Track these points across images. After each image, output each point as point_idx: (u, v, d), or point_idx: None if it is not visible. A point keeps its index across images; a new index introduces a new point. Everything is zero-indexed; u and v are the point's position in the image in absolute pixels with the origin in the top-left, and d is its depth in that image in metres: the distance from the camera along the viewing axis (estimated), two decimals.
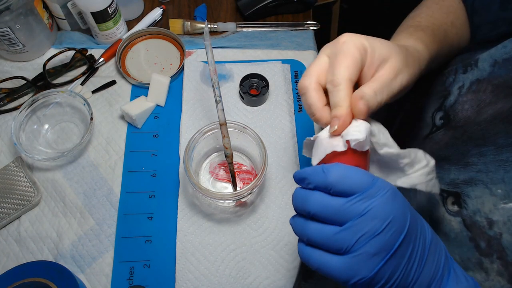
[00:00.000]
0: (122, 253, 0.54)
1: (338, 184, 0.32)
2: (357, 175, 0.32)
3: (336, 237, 0.31)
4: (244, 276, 0.53)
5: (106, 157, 0.61)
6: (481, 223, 0.38)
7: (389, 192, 0.31)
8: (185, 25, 0.73)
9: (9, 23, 0.61)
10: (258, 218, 0.56)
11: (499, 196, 0.38)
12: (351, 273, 0.31)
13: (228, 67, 0.67)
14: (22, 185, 0.57)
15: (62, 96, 0.61)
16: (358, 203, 0.31)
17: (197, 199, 0.57)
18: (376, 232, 0.30)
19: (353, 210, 0.31)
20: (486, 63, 0.43)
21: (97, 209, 0.57)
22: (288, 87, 0.67)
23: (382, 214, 0.31)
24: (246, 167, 0.60)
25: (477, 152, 0.41)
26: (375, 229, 0.30)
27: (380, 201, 0.31)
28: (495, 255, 0.37)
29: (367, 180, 0.32)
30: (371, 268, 0.31)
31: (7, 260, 0.54)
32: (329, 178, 0.32)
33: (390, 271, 0.31)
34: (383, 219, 0.30)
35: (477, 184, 0.40)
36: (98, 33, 0.69)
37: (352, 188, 0.31)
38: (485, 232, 0.38)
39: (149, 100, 0.64)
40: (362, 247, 0.31)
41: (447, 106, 0.47)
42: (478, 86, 0.43)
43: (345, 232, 0.31)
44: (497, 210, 0.37)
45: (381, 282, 0.31)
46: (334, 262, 0.32)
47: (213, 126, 0.54)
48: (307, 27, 0.74)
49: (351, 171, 0.32)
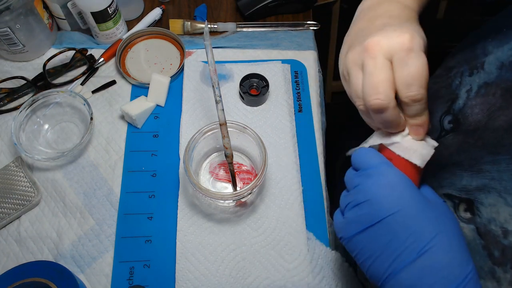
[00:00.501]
0: (122, 253, 0.54)
1: (353, 159, 0.40)
2: (367, 157, 0.38)
3: (342, 198, 0.40)
4: (244, 276, 0.53)
5: (106, 157, 0.61)
6: (496, 232, 0.38)
7: (383, 180, 0.36)
8: (185, 25, 0.73)
9: (9, 23, 0.61)
10: (258, 218, 0.56)
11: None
12: (338, 229, 0.39)
13: (228, 67, 0.67)
14: (22, 185, 0.57)
15: (62, 96, 0.61)
16: (356, 177, 0.38)
17: (197, 199, 0.57)
18: (356, 203, 0.37)
19: (354, 181, 0.38)
20: (492, 66, 0.43)
21: (97, 209, 0.57)
22: (288, 87, 0.67)
23: (364, 192, 0.36)
24: (246, 167, 0.60)
25: (492, 159, 0.40)
26: (356, 200, 0.37)
27: (369, 182, 0.36)
28: (509, 265, 0.37)
29: (372, 163, 0.37)
30: (348, 232, 0.37)
31: (7, 260, 0.54)
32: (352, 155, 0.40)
33: (363, 246, 0.36)
34: (363, 196, 0.36)
35: (490, 192, 0.39)
36: (98, 33, 0.69)
37: (358, 165, 0.39)
38: (500, 241, 0.38)
39: (149, 100, 0.64)
40: (347, 212, 0.38)
41: (456, 110, 0.46)
42: (487, 90, 0.43)
43: (344, 196, 0.39)
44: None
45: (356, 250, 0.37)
46: (337, 217, 0.40)
47: (213, 126, 0.54)
48: (307, 27, 0.74)
49: (365, 152, 0.39)
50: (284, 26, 0.74)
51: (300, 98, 0.66)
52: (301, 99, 0.66)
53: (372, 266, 0.36)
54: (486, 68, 0.43)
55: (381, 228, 0.35)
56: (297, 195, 0.58)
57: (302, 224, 0.56)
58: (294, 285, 0.52)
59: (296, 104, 0.66)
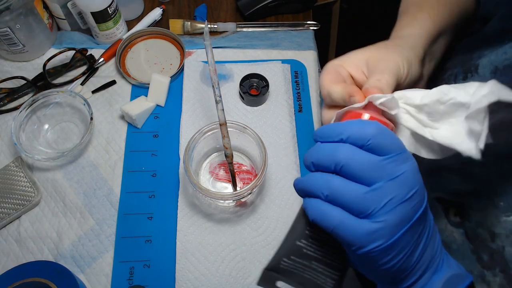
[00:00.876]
0: (122, 253, 0.54)
1: (376, 138, 0.29)
2: (393, 135, 0.30)
3: (365, 196, 0.29)
4: (244, 276, 0.53)
5: (106, 157, 0.61)
6: (484, 235, 0.38)
7: (415, 163, 0.30)
8: (185, 25, 0.73)
9: (9, 23, 0.61)
10: (258, 218, 0.56)
11: (501, 209, 0.37)
12: (369, 238, 0.29)
13: (228, 67, 0.67)
14: (22, 185, 0.57)
15: (62, 96, 0.61)
16: (393, 163, 0.29)
17: (197, 199, 0.57)
18: (403, 199, 0.29)
19: (387, 170, 0.29)
20: (486, 70, 0.42)
21: (97, 209, 0.57)
22: (288, 87, 0.67)
23: (411, 182, 0.29)
24: (246, 167, 0.60)
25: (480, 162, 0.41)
26: (402, 195, 0.28)
27: (412, 168, 0.29)
28: (497, 268, 0.37)
29: (401, 144, 0.30)
30: (389, 236, 0.29)
31: (7, 260, 0.54)
32: (368, 130, 0.29)
33: (402, 245, 0.30)
34: (410, 187, 0.29)
35: (479, 195, 0.40)
36: (98, 33, 0.69)
37: (388, 146, 0.29)
38: (488, 245, 0.38)
39: (149, 100, 0.64)
40: (387, 213, 0.28)
41: None
42: None
43: (375, 193, 0.28)
44: (499, 223, 0.37)
45: (392, 254, 0.30)
46: (355, 224, 0.29)
47: (213, 126, 0.54)
48: (307, 27, 0.74)
49: (388, 131, 0.30)
50: (284, 26, 0.74)
51: (300, 98, 0.67)
52: (301, 99, 0.66)
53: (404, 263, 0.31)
54: (480, 72, 0.43)
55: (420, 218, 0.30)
56: (297, 195, 0.58)
57: None
58: None
59: (296, 104, 0.66)
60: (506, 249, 0.36)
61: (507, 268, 0.36)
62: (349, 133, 0.30)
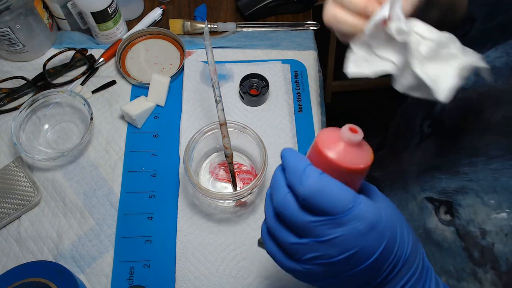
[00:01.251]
0: (122, 253, 0.54)
1: (310, 198, 0.28)
2: (338, 195, 0.28)
3: (292, 247, 0.30)
4: (244, 276, 0.53)
5: (106, 157, 0.61)
6: (474, 233, 0.39)
7: (364, 224, 0.28)
8: (185, 25, 0.73)
9: (9, 23, 0.61)
10: (258, 218, 0.56)
11: (491, 206, 0.38)
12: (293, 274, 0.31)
13: (228, 67, 0.67)
14: (22, 185, 0.57)
15: (62, 96, 0.61)
16: (324, 227, 0.28)
17: (197, 199, 0.57)
18: (329, 258, 0.28)
19: (315, 232, 0.28)
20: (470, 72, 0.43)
21: (97, 209, 0.57)
22: (288, 87, 0.67)
23: (343, 246, 0.28)
24: (246, 167, 0.60)
25: (468, 162, 0.41)
26: (329, 255, 0.28)
27: (347, 233, 0.28)
28: (488, 265, 0.37)
29: (346, 203, 0.28)
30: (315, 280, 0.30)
31: (7, 260, 0.54)
32: (304, 190, 0.28)
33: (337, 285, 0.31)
34: (342, 250, 0.28)
35: (468, 193, 0.40)
36: (98, 33, 0.69)
37: (324, 207, 0.28)
38: (478, 242, 0.38)
39: (149, 100, 0.64)
40: (313, 265, 0.29)
41: (435, 114, 0.47)
42: (463, 94, 0.44)
43: (301, 247, 0.29)
44: (490, 220, 0.38)
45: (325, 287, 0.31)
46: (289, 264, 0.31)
47: (213, 126, 0.54)
48: (307, 27, 0.74)
49: (332, 188, 0.28)
50: (284, 26, 0.74)
51: (300, 98, 0.67)
52: (301, 99, 0.66)
53: None
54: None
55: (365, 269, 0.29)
56: None
57: None
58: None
59: (296, 104, 0.66)
60: (496, 245, 0.37)
61: (497, 265, 0.37)
62: (290, 183, 0.30)
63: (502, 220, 0.37)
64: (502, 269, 0.36)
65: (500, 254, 0.36)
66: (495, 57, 0.41)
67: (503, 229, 0.37)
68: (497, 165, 0.38)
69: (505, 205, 0.37)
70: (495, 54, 0.42)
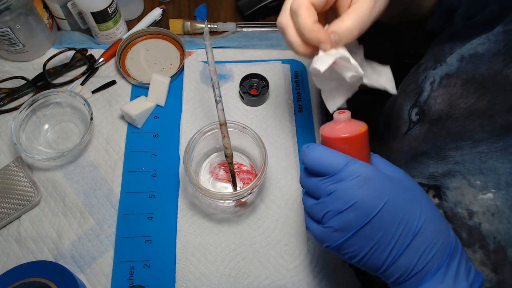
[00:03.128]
0: (122, 253, 0.54)
1: (312, 165, 0.37)
2: (331, 158, 0.36)
3: (312, 208, 0.37)
4: (244, 276, 0.53)
5: (106, 157, 0.61)
6: (462, 214, 0.39)
7: (359, 178, 0.34)
8: (185, 25, 0.73)
9: (9, 23, 0.61)
10: (258, 218, 0.56)
11: (478, 187, 0.39)
12: (322, 239, 0.37)
13: (228, 67, 0.67)
14: (22, 185, 0.57)
15: (62, 96, 0.61)
16: (326, 184, 0.35)
17: (197, 199, 0.57)
18: (338, 211, 0.35)
19: (323, 189, 0.36)
20: (453, 59, 0.45)
21: (97, 209, 0.57)
22: (288, 87, 0.67)
23: (345, 197, 0.34)
24: (246, 167, 0.60)
25: (455, 146, 0.42)
26: (337, 208, 0.35)
27: (345, 186, 0.34)
28: (476, 245, 0.38)
29: (339, 163, 0.35)
30: (335, 240, 0.36)
31: (7, 260, 0.54)
32: (306, 159, 0.37)
33: (356, 248, 0.35)
34: (345, 201, 0.34)
35: (455, 176, 0.41)
36: (98, 33, 0.69)
37: (323, 170, 0.36)
38: (466, 223, 0.39)
39: (149, 100, 0.64)
40: (328, 221, 0.36)
41: (421, 102, 0.48)
42: (448, 81, 0.45)
43: (317, 206, 0.36)
44: (476, 201, 0.38)
45: (349, 253, 0.36)
46: (314, 227, 0.38)
47: (213, 126, 0.54)
48: None
49: (327, 154, 0.36)
50: None
51: (300, 98, 0.66)
52: (301, 99, 0.66)
53: (368, 261, 0.35)
54: (448, 61, 0.46)
55: (372, 226, 0.34)
56: (297, 195, 0.58)
57: (302, 224, 0.56)
58: (294, 285, 0.52)
59: (296, 104, 0.66)
60: (483, 225, 0.38)
61: (485, 244, 0.37)
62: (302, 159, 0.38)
63: (488, 200, 0.38)
64: (490, 248, 0.37)
65: (488, 233, 0.37)
66: (477, 44, 0.43)
67: (490, 208, 0.37)
68: (483, 148, 0.39)
69: (491, 185, 0.38)
70: (478, 41, 0.43)
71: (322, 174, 0.36)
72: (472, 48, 0.43)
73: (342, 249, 0.36)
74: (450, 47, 0.47)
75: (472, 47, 0.43)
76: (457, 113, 0.43)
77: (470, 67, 0.43)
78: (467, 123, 0.42)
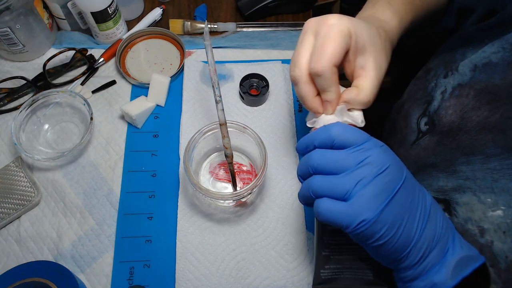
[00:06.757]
0: (122, 253, 0.54)
1: (339, 136, 0.34)
2: (355, 131, 0.35)
3: (338, 181, 0.33)
4: (244, 276, 0.53)
5: (106, 157, 0.61)
6: (473, 231, 0.39)
7: (383, 147, 0.34)
8: (185, 25, 0.73)
9: (9, 23, 0.61)
10: (258, 218, 0.56)
11: (487, 204, 0.38)
12: (353, 215, 0.32)
13: (228, 67, 0.67)
14: (22, 185, 0.57)
15: (62, 96, 0.61)
16: (357, 153, 0.33)
17: (197, 199, 0.57)
18: (374, 175, 0.32)
19: (352, 159, 0.33)
20: (466, 68, 0.44)
21: (97, 209, 0.57)
22: (288, 87, 0.67)
23: (379, 161, 0.33)
24: (246, 167, 0.60)
25: (465, 160, 0.41)
26: (373, 173, 0.32)
27: (376, 152, 0.33)
28: (487, 263, 0.37)
29: (364, 136, 0.34)
30: (372, 209, 0.31)
31: (7, 260, 0.54)
32: (331, 132, 0.35)
33: (392, 218, 0.32)
34: (380, 165, 0.32)
35: (465, 192, 0.40)
36: (98, 33, 0.69)
37: (351, 141, 0.34)
38: (477, 240, 0.38)
39: (149, 100, 0.64)
40: (362, 189, 0.32)
41: (431, 112, 0.47)
42: (461, 91, 0.44)
43: (346, 177, 0.33)
44: (487, 218, 0.38)
45: (383, 229, 0.32)
46: (338, 207, 0.32)
47: (213, 126, 0.54)
48: None
49: (350, 128, 0.35)
50: (284, 26, 0.74)
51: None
52: None
53: (402, 236, 0.32)
54: (460, 70, 0.44)
55: (404, 190, 0.33)
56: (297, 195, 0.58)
57: (302, 224, 0.56)
58: (294, 285, 0.52)
59: (296, 104, 0.66)
60: (495, 243, 0.37)
61: (496, 262, 0.37)
62: (318, 139, 0.35)
63: (498, 217, 0.37)
64: (501, 267, 0.36)
65: (499, 252, 0.36)
66: (491, 52, 0.41)
67: (501, 226, 0.37)
68: (495, 164, 0.38)
69: (501, 203, 0.37)
70: (491, 49, 0.41)
71: (347, 146, 0.34)
72: (485, 56, 0.42)
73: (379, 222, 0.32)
74: (462, 53, 0.45)
75: (485, 56, 0.42)
76: (468, 126, 0.42)
77: (484, 77, 0.42)
78: (479, 136, 0.41)
